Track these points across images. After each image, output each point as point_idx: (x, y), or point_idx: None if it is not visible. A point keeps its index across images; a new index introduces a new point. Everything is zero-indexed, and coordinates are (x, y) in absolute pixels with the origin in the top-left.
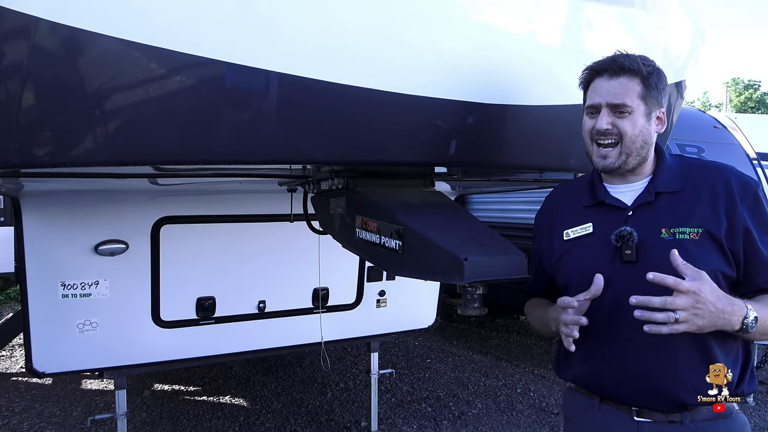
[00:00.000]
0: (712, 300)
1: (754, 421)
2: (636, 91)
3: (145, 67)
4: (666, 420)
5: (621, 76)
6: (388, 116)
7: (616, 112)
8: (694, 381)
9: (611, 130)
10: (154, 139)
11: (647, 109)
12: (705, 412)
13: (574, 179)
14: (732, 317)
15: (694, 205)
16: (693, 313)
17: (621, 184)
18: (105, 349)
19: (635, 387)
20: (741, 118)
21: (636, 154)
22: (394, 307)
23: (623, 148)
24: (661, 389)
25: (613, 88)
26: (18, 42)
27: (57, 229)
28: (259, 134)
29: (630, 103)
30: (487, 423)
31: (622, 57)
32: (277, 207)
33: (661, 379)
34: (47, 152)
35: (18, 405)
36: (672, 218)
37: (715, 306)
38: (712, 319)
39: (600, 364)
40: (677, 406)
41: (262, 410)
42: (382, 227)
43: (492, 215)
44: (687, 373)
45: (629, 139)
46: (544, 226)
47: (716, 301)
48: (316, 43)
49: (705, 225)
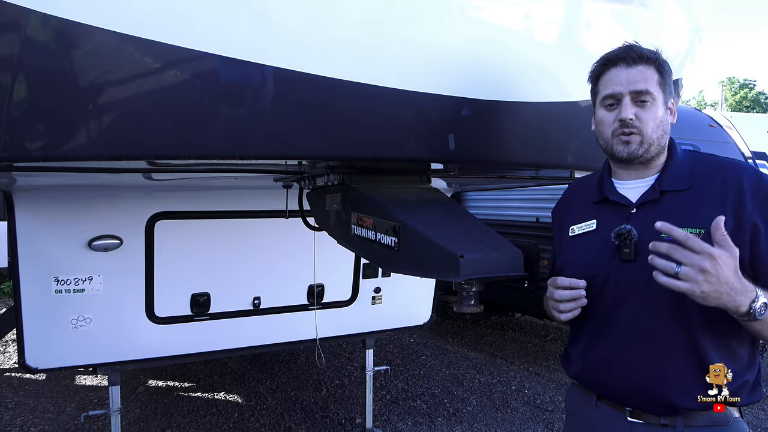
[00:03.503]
0: (726, 270)
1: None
2: (655, 78)
3: (139, 60)
4: (659, 423)
5: (639, 64)
6: (384, 112)
7: (638, 101)
8: (689, 385)
9: (634, 120)
10: (148, 134)
11: (665, 98)
12: (700, 418)
13: (590, 173)
14: (739, 296)
15: (701, 204)
16: (699, 273)
17: (630, 180)
18: (98, 345)
19: (628, 387)
20: (736, 116)
21: (657, 144)
22: (389, 304)
23: (645, 138)
24: (653, 391)
25: (633, 76)
26: (10, 34)
27: (50, 225)
28: (254, 129)
29: (652, 90)
30: (482, 420)
31: (637, 46)
32: (272, 203)
33: (654, 381)
34: (40, 146)
35: (11, 401)
36: (675, 217)
37: (727, 277)
38: (719, 290)
39: (597, 362)
40: (669, 409)
41: (257, 407)
42: (378, 224)
43: (488, 212)
44: (681, 376)
45: (651, 128)
46: (557, 220)
47: (730, 273)
48: (313, 37)
49: (708, 225)
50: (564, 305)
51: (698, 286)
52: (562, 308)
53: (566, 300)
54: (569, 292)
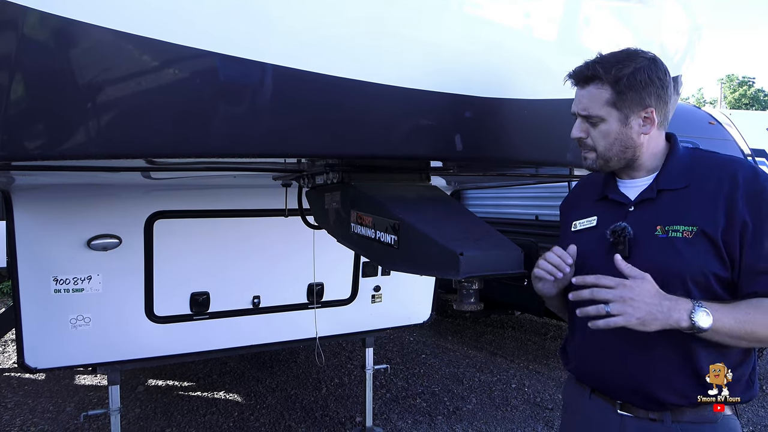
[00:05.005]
0: (645, 293)
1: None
2: (604, 99)
3: (137, 58)
4: (647, 417)
5: (589, 85)
6: (382, 109)
7: (588, 121)
8: (676, 382)
9: (585, 139)
10: (146, 132)
11: (621, 114)
12: (689, 414)
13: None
14: (674, 312)
15: (695, 202)
16: (625, 305)
17: (630, 179)
18: (98, 345)
19: (618, 381)
20: (735, 114)
21: (618, 158)
22: (389, 303)
23: (599, 154)
24: (641, 387)
25: (581, 97)
26: (7, 32)
27: (49, 224)
28: (253, 127)
29: (597, 112)
30: (482, 418)
31: (588, 65)
32: (271, 202)
33: (640, 376)
34: (38, 145)
35: (10, 400)
36: (669, 216)
37: (650, 298)
38: (651, 312)
39: (590, 356)
40: (656, 404)
41: (257, 406)
42: (377, 222)
43: (488, 210)
44: (669, 373)
45: (603, 147)
46: (563, 214)
47: (652, 293)
48: (311, 35)
49: (700, 223)
50: (543, 267)
51: (631, 315)
52: (540, 271)
53: (551, 264)
54: (557, 258)
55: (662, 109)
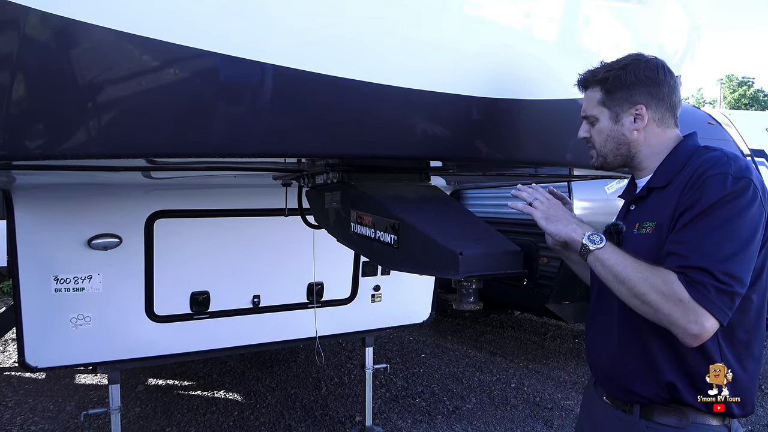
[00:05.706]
0: (556, 205)
1: None
2: (596, 99)
3: (138, 58)
4: (622, 408)
5: (588, 89)
6: (383, 109)
7: (588, 122)
8: (641, 379)
9: (589, 138)
10: (147, 132)
11: (612, 113)
12: (657, 414)
13: None
14: (576, 227)
15: (666, 198)
16: (541, 203)
17: (638, 179)
18: (98, 344)
19: (600, 371)
20: (735, 114)
21: (614, 155)
22: (389, 302)
23: (598, 152)
24: (614, 379)
25: (584, 101)
26: (8, 32)
27: (49, 223)
28: (253, 127)
29: (592, 112)
30: (481, 417)
31: (587, 71)
32: (271, 201)
33: (615, 371)
34: (39, 144)
35: (11, 399)
36: (645, 213)
37: (560, 209)
38: (558, 216)
39: (588, 346)
40: (626, 393)
41: (257, 405)
42: (377, 222)
43: (487, 210)
44: (637, 366)
45: (599, 144)
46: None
47: (561, 208)
48: (312, 35)
49: (658, 218)
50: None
51: (544, 210)
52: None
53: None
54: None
55: (657, 106)
